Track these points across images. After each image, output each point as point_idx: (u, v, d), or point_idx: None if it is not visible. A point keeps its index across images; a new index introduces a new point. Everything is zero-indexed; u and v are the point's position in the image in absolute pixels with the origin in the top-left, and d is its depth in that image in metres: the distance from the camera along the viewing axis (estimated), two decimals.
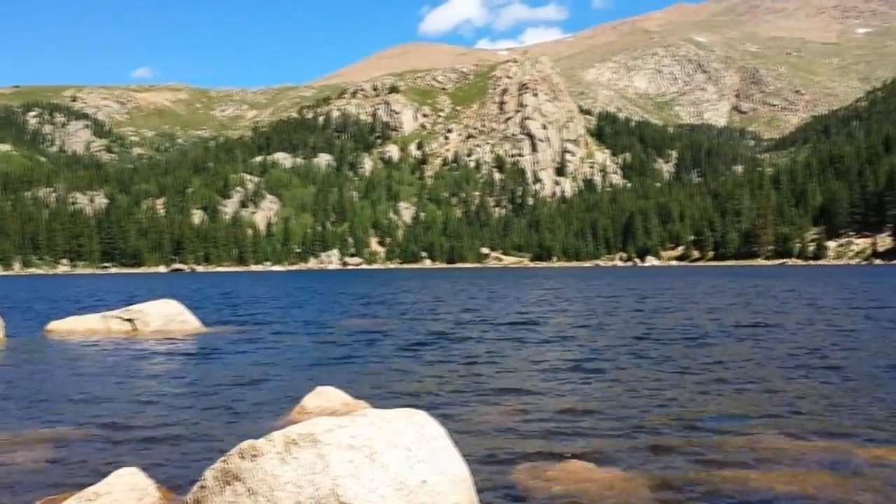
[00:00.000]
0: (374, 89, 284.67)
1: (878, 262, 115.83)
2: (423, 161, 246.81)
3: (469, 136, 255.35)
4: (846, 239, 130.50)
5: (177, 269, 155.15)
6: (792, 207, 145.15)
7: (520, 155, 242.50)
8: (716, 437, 7.31)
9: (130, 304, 20.36)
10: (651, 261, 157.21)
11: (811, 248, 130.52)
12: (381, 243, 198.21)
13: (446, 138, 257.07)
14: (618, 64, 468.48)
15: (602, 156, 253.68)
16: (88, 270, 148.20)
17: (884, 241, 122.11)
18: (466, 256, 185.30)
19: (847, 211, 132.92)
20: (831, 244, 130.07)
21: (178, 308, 19.66)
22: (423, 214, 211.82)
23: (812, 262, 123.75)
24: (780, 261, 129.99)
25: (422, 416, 5.04)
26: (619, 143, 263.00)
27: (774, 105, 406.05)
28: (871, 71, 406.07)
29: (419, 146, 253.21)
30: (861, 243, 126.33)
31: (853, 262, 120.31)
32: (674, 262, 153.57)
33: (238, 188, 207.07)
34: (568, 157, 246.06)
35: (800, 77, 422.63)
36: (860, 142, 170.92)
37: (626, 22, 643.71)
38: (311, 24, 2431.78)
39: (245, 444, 4.65)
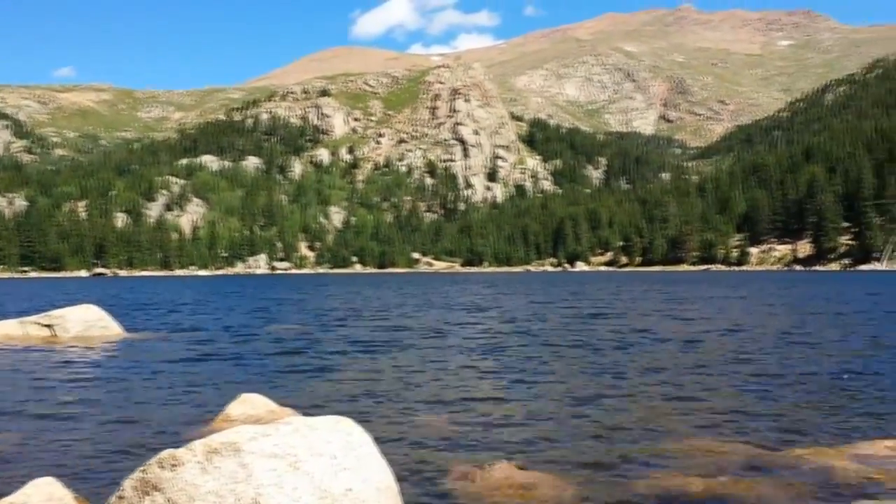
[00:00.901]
0: (305, 92, 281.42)
1: (798, 267, 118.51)
2: (354, 165, 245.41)
3: (401, 141, 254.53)
4: (768, 245, 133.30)
5: (99, 274, 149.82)
6: (716, 214, 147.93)
7: (451, 160, 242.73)
8: (644, 442, 7.35)
9: (50, 310, 19.49)
10: (581, 266, 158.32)
11: (735, 254, 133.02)
12: (311, 248, 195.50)
13: (378, 143, 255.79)
14: (549, 71, 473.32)
15: (533, 162, 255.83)
16: (7, 275, 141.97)
17: (803, 248, 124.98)
18: (397, 261, 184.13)
19: (769, 218, 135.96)
20: (754, 250, 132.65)
21: (99, 313, 18.99)
22: (353, 219, 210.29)
23: (735, 268, 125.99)
24: (705, 266, 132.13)
25: (348, 423, 4.99)
26: (549, 149, 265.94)
27: (700, 114, 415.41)
28: (793, 82, 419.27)
29: (350, 150, 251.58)
30: (782, 249, 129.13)
31: (774, 267, 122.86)
32: (603, 268, 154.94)
33: (163, 191, 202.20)
34: (499, 162, 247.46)
35: (724, 87, 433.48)
36: (782, 151, 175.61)
37: (557, 30, 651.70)
38: (241, 26, 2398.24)
39: (165, 453, 4.53)
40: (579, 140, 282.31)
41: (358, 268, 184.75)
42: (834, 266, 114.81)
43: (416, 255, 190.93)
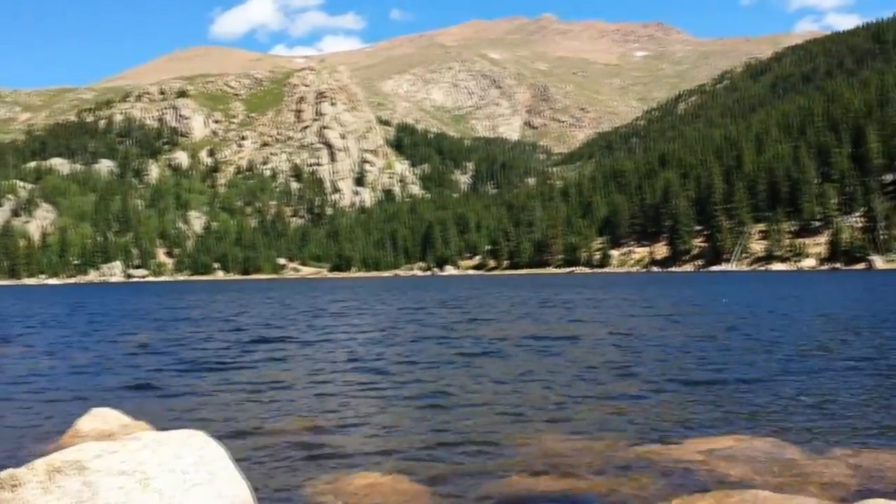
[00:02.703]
0: (162, 93, 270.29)
1: (655, 269, 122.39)
2: (214, 169, 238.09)
3: (264, 144, 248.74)
4: (628, 248, 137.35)
5: None
6: (580, 218, 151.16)
7: (318, 164, 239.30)
8: (503, 445, 7.44)
9: None
10: (450, 270, 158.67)
11: (597, 256, 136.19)
12: (170, 254, 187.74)
13: (240, 146, 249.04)
14: (415, 76, 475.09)
15: (401, 166, 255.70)
16: None
17: (660, 250, 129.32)
18: (262, 267, 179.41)
19: (628, 222, 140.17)
20: (615, 253, 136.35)
21: None
22: (215, 224, 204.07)
23: (598, 270, 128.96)
24: (570, 269, 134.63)
25: (200, 437, 4.86)
26: (417, 154, 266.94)
27: (563, 121, 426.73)
28: (648, 92, 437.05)
29: (211, 153, 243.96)
30: (641, 252, 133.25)
31: (634, 269, 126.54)
32: (471, 271, 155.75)
33: (9, 196, 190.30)
34: (367, 167, 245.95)
35: (585, 95, 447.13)
36: (639, 158, 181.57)
37: (423, 35, 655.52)
38: (92, 23, 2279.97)
39: (4, 473, 4.36)
40: (447, 145, 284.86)
41: (220, 274, 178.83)
42: (688, 267, 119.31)
43: (282, 261, 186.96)
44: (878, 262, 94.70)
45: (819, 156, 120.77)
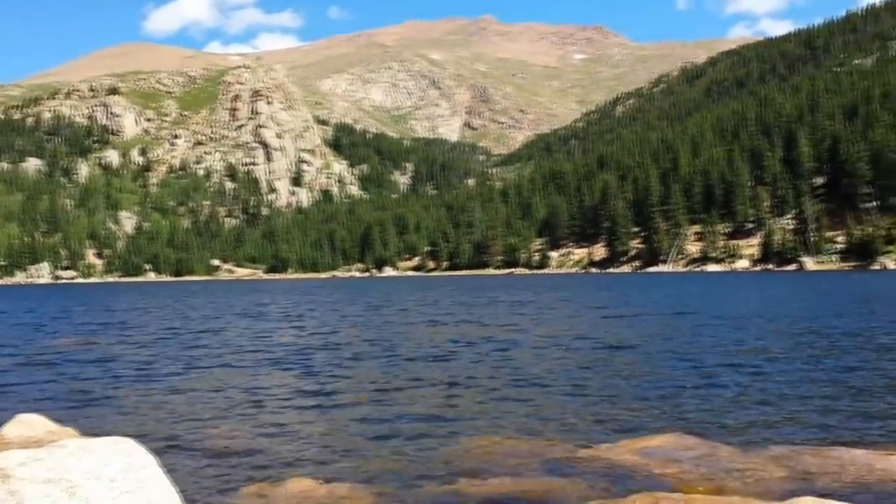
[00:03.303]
0: (92, 90, 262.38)
1: (593, 270, 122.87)
2: (146, 168, 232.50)
3: (198, 143, 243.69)
4: (566, 249, 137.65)
5: None
6: (519, 220, 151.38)
7: (253, 164, 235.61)
8: (441, 448, 7.44)
9: None
10: (388, 271, 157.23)
11: (536, 258, 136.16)
12: (100, 255, 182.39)
13: (173, 144, 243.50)
14: (354, 76, 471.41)
15: (339, 167, 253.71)
16: None
17: (599, 251, 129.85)
18: (195, 269, 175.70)
19: (567, 223, 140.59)
20: (554, 254, 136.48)
21: None
22: (146, 225, 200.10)
23: (537, 272, 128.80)
24: (509, 270, 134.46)
25: (129, 443, 4.79)
26: (356, 154, 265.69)
27: (502, 122, 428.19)
28: (587, 94, 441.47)
29: (142, 152, 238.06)
30: (579, 253, 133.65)
31: (573, 270, 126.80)
32: (410, 273, 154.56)
33: None
34: (304, 167, 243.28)
35: (524, 97, 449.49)
36: (578, 159, 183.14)
37: (362, 34, 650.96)
38: (21, 18, 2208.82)
39: None
40: (386, 145, 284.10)
41: (152, 276, 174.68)
42: (626, 268, 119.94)
43: (215, 262, 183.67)
44: (809, 263, 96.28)
45: (752, 159, 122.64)
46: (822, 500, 5.05)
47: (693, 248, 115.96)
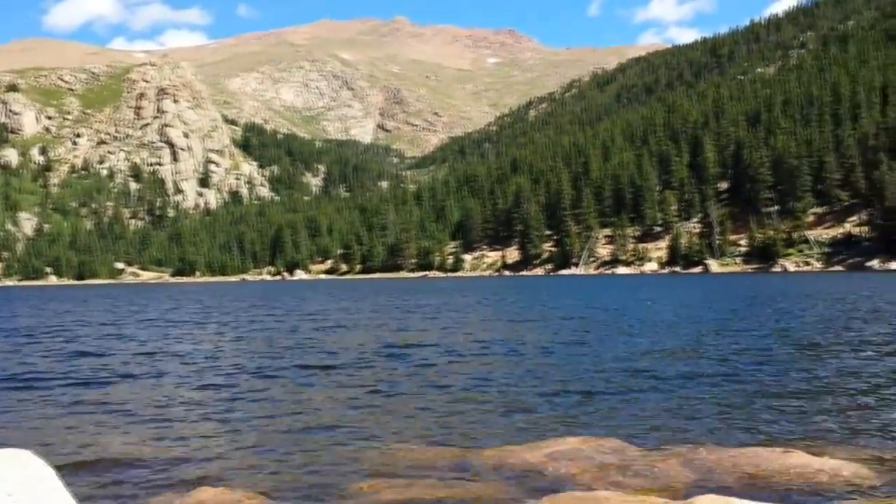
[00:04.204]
0: None
1: (507, 273, 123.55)
2: (47, 168, 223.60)
3: (101, 142, 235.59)
4: (480, 252, 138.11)
5: None
6: (433, 222, 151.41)
7: (159, 164, 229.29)
8: (350, 456, 7.42)
9: None
10: (300, 274, 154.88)
11: (450, 261, 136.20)
12: None
13: (74, 144, 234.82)
14: (264, 75, 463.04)
15: (249, 168, 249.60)
16: None
17: (512, 254, 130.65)
18: (99, 272, 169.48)
19: (481, 226, 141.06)
20: (468, 257, 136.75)
21: None
22: (47, 226, 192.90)
23: (451, 275, 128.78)
24: (423, 273, 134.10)
25: (27, 456, 4.58)
26: (266, 155, 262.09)
27: (416, 125, 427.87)
28: (500, 98, 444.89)
29: (43, 151, 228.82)
30: (493, 256, 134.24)
31: (486, 273, 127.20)
32: (323, 276, 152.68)
33: None
34: (212, 167, 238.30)
35: (438, 100, 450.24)
36: (491, 163, 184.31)
37: (272, 33, 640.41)
38: None
39: None
40: (297, 146, 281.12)
41: (53, 279, 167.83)
42: (539, 271, 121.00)
43: (120, 265, 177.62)
44: (714, 265, 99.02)
45: (660, 164, 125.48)
46: (721, 497, 5.34)
47: (604, 250, 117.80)
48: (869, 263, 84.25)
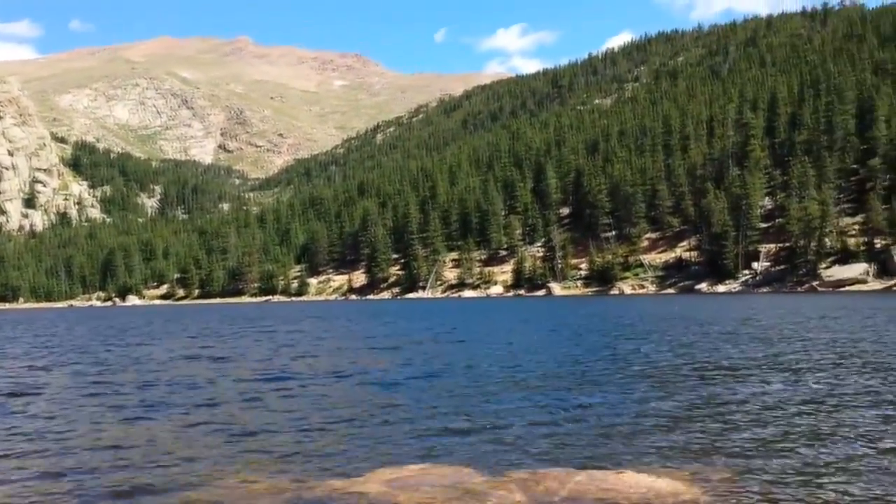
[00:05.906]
0: None
1: (353, 296, 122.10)
2: None
3: None
4: (326, 276, 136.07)
5: None
6: (277, 246, 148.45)
7: None
8: (180, 489, 7.23)
9: None
10: (133, 300, 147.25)
11: (295, 285, 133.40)
12: None
13: None
14: (97, 92, 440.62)
15: (79, 188, 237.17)
16: None
17: (359, 278, 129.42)
18: None
19: (327, 250, 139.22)
20: (313, 281, 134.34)
21: None
22: None
23: (296, 299, 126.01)
24: (266, 298, 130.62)
25: None
26: (98, 174, 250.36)
27: (260, 146, 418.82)
28: (347, 121, 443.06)
29: None
30: (339, 280, 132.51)
31: (332, 297, 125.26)
32: (158, 301, 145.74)
33: None
34: (39, 187, 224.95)
35: (283, 121, 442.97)
36: (338, 186, 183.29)
37: (106, 49, 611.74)
38: None
39: None
40: (132, 166, 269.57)
41: None
42: (386, 294, 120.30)
43: None
44: (556, 288, 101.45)
45: (505, 189, 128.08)
46: None
47: (451, 274, 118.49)
48: (698, 286, 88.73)
